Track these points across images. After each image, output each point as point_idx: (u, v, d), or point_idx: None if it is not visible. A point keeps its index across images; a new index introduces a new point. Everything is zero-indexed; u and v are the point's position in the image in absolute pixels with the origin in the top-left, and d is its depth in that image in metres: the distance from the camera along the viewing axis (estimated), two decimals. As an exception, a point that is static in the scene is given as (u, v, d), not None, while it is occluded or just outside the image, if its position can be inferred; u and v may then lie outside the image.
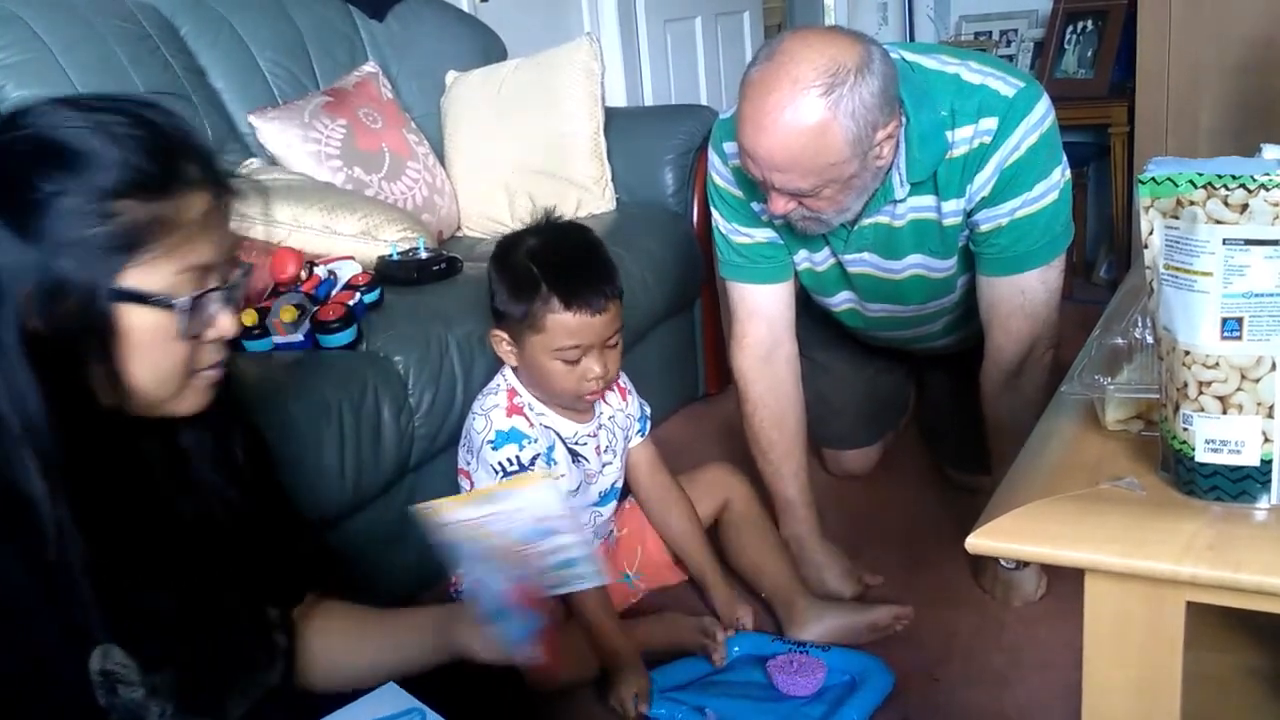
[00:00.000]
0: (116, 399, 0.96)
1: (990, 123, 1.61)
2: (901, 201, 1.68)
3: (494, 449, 1.64)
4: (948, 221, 1.69)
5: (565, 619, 1.64)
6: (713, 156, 1.80)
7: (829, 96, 1.45)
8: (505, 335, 1.63)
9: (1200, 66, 3.01)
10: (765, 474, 1.90)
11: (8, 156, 0.91)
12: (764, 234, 1.81)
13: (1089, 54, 3.45)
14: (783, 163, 1.50)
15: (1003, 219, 1.65)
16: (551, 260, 1.58)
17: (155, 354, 0.96)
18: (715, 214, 1.84)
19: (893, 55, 1.57)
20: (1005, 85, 1.61)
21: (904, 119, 1.58)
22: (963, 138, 1.62)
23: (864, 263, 1.80)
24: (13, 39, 2.05)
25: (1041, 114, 1.64)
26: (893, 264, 1.79)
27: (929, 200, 1.68)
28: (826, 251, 1.83)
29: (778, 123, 1.47)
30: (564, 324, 1.57)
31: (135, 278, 0.92)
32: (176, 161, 0.95)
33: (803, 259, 1.86)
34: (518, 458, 1.63)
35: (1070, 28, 3.51)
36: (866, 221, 1.71)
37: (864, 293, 1.89)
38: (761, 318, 1.86)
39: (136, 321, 0.93)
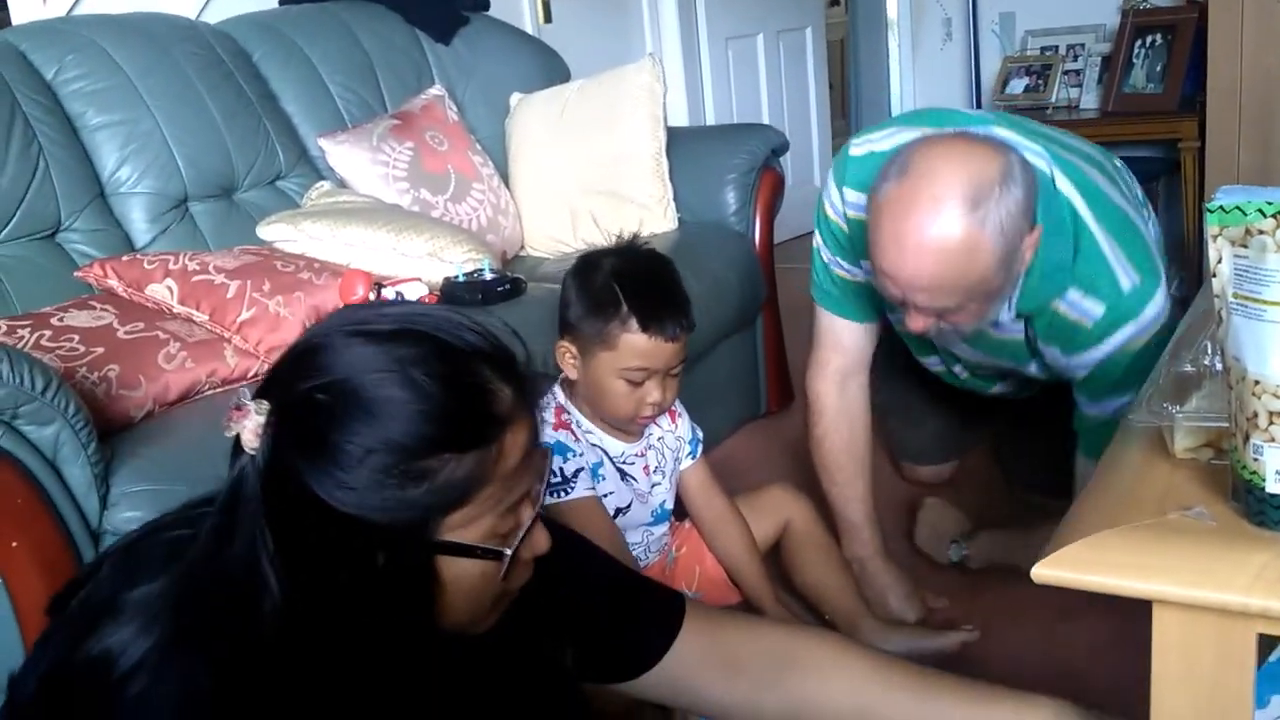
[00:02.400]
0: (430, 633, 0.89)
1: (1095, 308, 1.55)
2: (1003, 324, 1.66)
3: None
4: (1038, 345, 1.68)
5: None
6: (831, 188, 1.74)
7: (975, 213, 1.36)
8: (572, 348, 1.65)
9: (1272, 80, 2.95)
10: (831, 495, 1.90)
11: (310, 409, 0.82)
12: (865, 276, 1.77)
13: (1158, 68, 3.40)
14: (927, 284, 1.43)
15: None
16: (634, 282, 1.59)
17: (473, 594, 0.89)
18: (819, 238, 1.80)
19: (1038, 158, 1.52)
20: (1125, 276, 1.53)
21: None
22: (1071, 298, 1.57)
23: (959, 347, 1.80)
24: (93, 67, 2.13)
25: (1152, 315, 1.54)
26: (988, 355, 1.79)
27: (1020, 326, 1.66)
28: None
29: (922, 245, 1.39)
30: (636, 345, 1.58)
31: (457, 530, 0.86)
32: (492, 400, 0.86)
33: (898, 319, 1.83)
34: (560, 470, 1.65)
35: (1139, 42, 3.47)
36: None
37: (955, 363, 1.90)
38: (844, 350, 1.85)
39: (457, 571, 0.87)
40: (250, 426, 0.82)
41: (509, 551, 0.88)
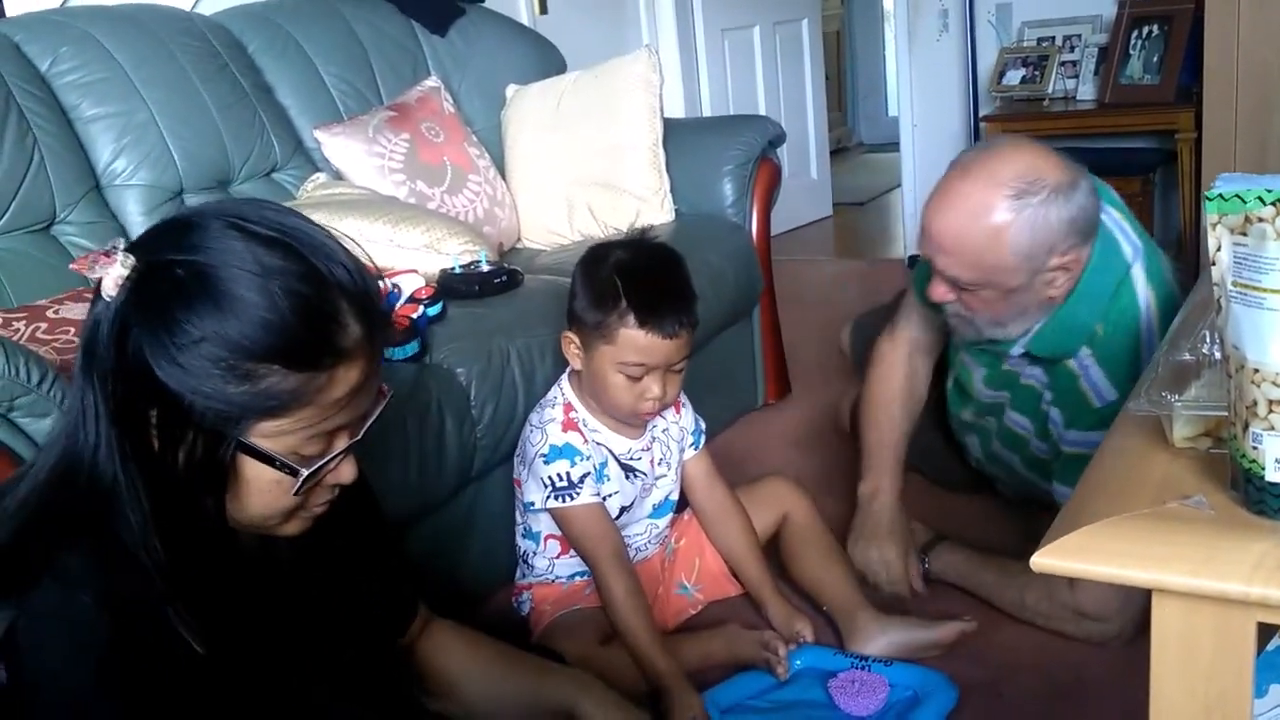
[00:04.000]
0: (220, 521, 0.95)
1: (1109, 393, 1.61)
2: (1015, 357, 1.70)
3: (546, 463, 1.66)
4: (1048, 404, 1.72)
5: (611, 634, 1.64)
6: None
7: (1016, 201, 1.44)
8: (576, 338, 1.65)
9: (1269, 71, 2.95)
10: (867, 439, 1.90)
11: (166, 280, 0.87)
12: None
13: (1155, 59, 3.40)
14: (949, 246, 1.51)
15: None
16: (637, 277, 1.59)
17: (266, 500, 0.94)
18: None
19: (1129, 246, 1.58)
20: None
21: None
22: (1084, 362, 1.62)
23: (994, 397, 1.83)
24: (88, 59, 2.12)
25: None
26: (1008, 410, 1.82)
27: (1038, 372, 1.71)
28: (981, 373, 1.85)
29: (958, 207, 1.48)
30: (634, 341, 1.58)
31: (264, 438, 0.90)
32: (337, 332, 0.90)
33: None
34: (568, 474, 1.65)
35: (1135, 33, 3.46)
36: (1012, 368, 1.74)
37: (978, 433, 1.95)
38: (918, 328, 1.89)
39: (255, 473, 0.92)
40: (113, 275, 0.87)
41: (305, 472, 0.92)
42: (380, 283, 1.01)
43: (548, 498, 1.66)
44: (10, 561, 0.89)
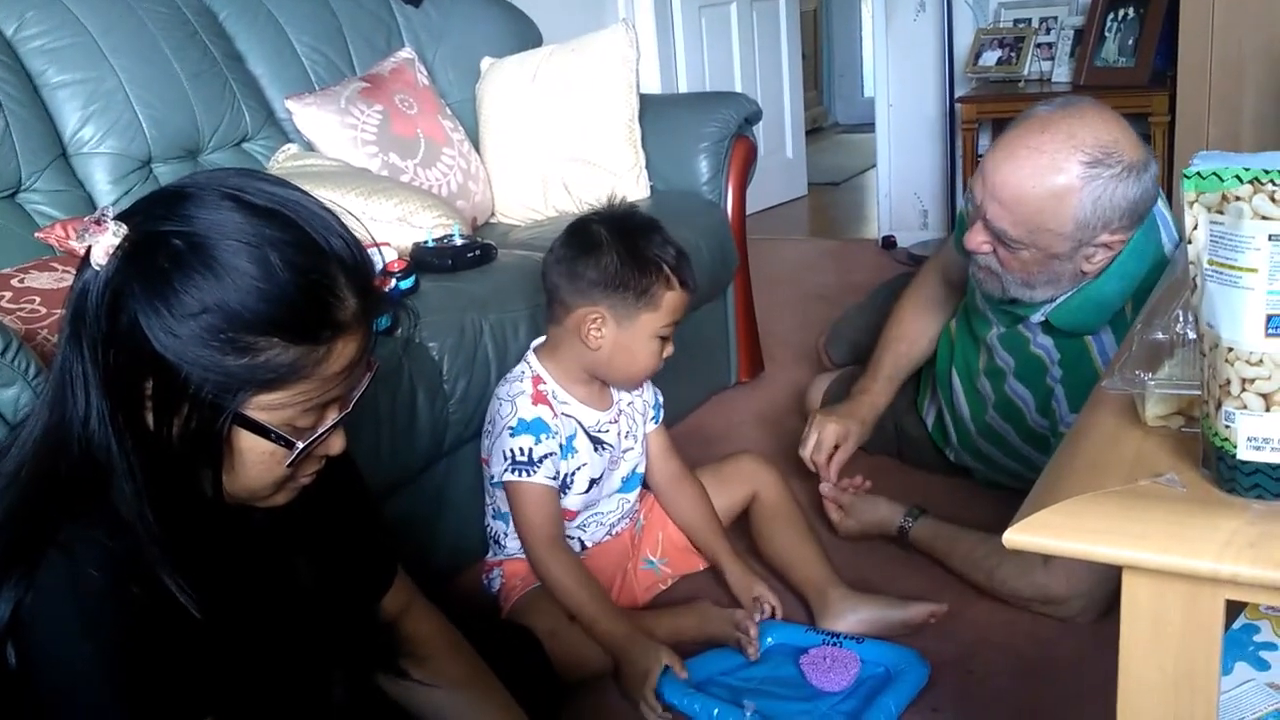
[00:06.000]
0: (216, 492, 0.94)
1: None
2: (1033, 325, 1.70)
3: (511, 435, 1.65)
4: (1057, 380, 1.73)
5: (570, 617, 1.64)
6: None
7: (1089, 170, 1.42)
8: (605, 314, 1.62)
9: (1243, 55, 2.96)
10: (882, 338, 2.00)
11: (163, 250, 0.86)
12: None
13: (1130, 42, 3.41)
14: (1007, 197, 1.48)
15: None
16: (657, 240, 1.64)
17: (260, 471, 0.94)
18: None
19: (1171, 245, 1.58)
20: None
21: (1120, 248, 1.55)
22: (1106, 343, 1.63)
23: (1002, 359, 1.83)
24: (55, 24, 2.08)
25: None
26: (1014, 379, 1.82)
27: (1049, 343, 1.71)
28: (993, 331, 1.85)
29: (1027, 161, 1.45)
30: (675, 302, 1.64)
31: (260, 411, 0.90)
32: (335, 305, 0.90)
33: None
34: (530, 450, 1.64)
35: (1111, 15, 3.47)
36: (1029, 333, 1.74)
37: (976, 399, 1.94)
38: (950, 264, 1.92)
39: (250, 445, 0.92)
40: (104, 244, 0.85)
41: (300, 445, 0.93)
42: (376, 254, 0.99)
43: (505, 470, 1.65)
44: (10, 536, 0.88)
